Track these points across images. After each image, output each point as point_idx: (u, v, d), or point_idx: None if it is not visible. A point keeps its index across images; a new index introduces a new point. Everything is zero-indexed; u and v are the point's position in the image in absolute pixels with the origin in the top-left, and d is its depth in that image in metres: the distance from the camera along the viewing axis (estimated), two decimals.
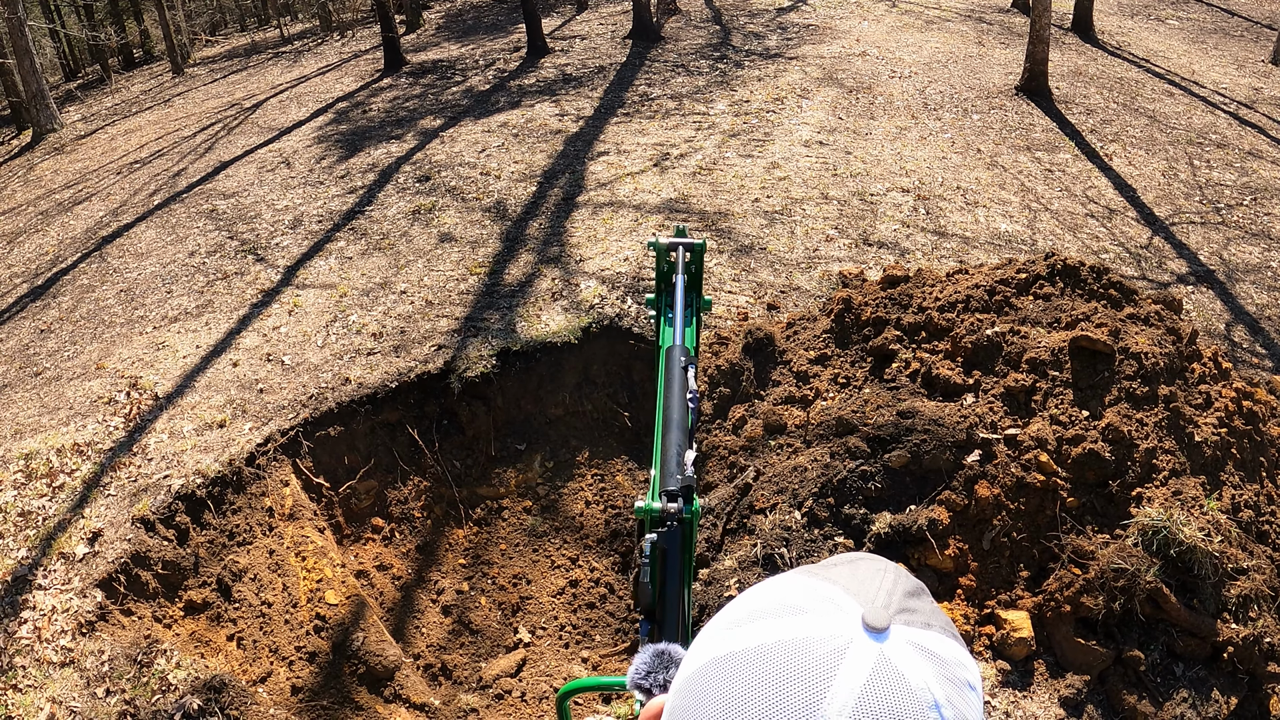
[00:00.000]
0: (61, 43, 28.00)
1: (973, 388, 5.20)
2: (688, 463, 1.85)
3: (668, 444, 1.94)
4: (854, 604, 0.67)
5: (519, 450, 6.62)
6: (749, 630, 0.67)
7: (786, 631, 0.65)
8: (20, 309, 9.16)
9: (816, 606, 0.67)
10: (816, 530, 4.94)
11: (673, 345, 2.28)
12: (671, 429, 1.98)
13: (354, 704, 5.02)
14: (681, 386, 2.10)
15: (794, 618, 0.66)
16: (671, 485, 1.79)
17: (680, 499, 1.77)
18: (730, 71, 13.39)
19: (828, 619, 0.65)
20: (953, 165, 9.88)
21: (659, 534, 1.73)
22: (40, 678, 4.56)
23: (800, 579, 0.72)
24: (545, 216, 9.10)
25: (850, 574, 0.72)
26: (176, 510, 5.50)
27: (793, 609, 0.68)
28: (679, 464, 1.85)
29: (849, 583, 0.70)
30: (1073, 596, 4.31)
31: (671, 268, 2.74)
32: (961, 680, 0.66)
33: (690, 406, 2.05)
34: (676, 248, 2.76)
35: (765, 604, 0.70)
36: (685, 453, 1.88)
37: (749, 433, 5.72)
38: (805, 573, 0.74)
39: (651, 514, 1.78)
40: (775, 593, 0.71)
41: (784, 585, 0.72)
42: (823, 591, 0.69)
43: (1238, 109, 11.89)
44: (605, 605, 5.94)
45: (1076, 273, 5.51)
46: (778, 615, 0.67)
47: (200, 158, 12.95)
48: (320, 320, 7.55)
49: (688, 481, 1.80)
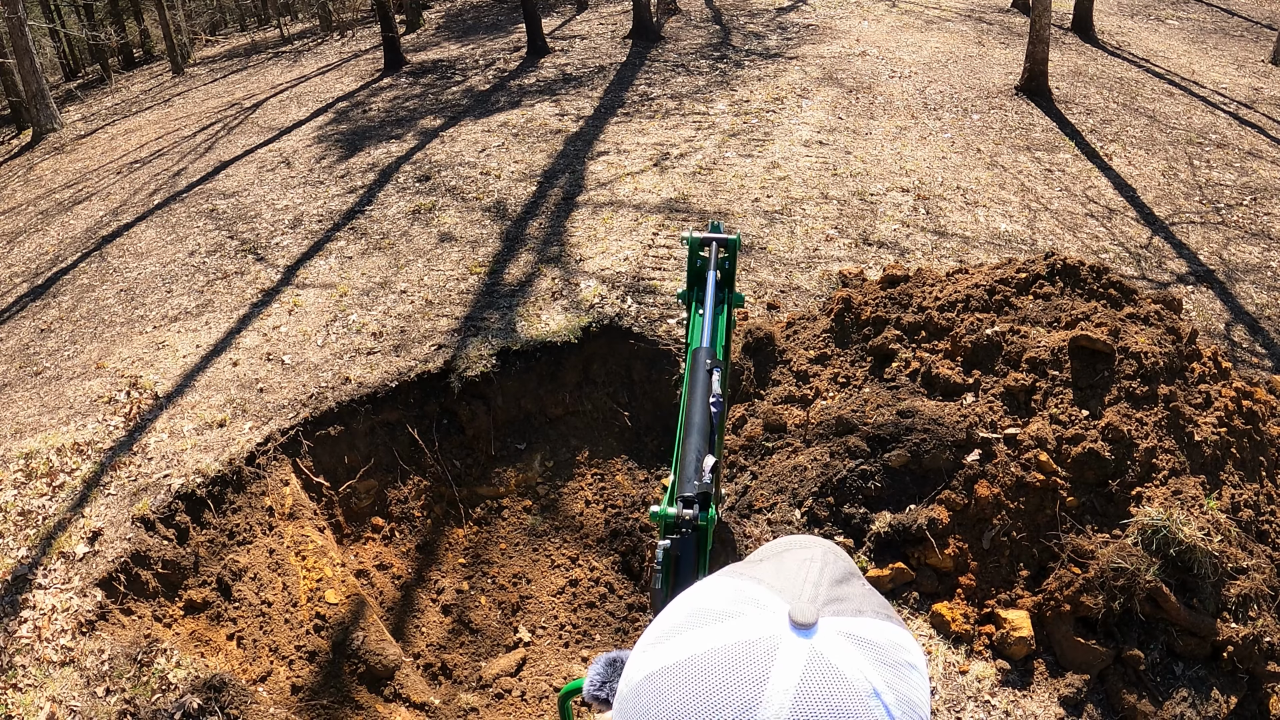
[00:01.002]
0: (61, 42, 28.00)
1: (972, 387, 5.20)
2: (706, 469, 1.81)
3: (687, 449, 1.91)
4: (779, 601, 0.66)
5: (519, 450, 6.62)
6: (676, 643, 0.66)
7: (713, 640, 0.64)
8: (20, 308, 9.16)
9: (741, 610, 0.66)
10: (816, 530, 4.94)
11: (699, 347, 2.23)
12: (692, 433, 1.94)
13: (354, 703, 5.03)
14: (705, 390, 2.06)
15: (719, 625, 0.65)
16: (688, 491, 1.76)
17: (696, 505, 1.73)
18: (730, 71, 13.39)
19: (753, 621, 0.64)
20: (953, 165, 9.88)
21: (672, 540, 1.71)
22: (40, 677, 4.57)
23: (724, 582, 0.71)
24: (545, 216, 9.10)
25: (775, 569, 0.71)
26: (176, 509, 5.50)
27: (717, 615, 0.66)
28: (697, 469, 1.81)
29: (774, 579, 0.69)
30: (1072, 596, 4.31)
31: (705, 264, 2.68)
32: (900, 662, 0.65)
33: (713, 411, 2.01)
34: (710, 243, 2.71)
35: (690, 614, 0.68)
36: (705, 458, 1.85)
37: (749, 432, 5.72)
38: (730, 573, 0.72)
39: (666, 519, 1.75)
40: (699, 600, 0.69)
41: (708, 591, 0.70)
42: (747, 592, 0.68)
43: (1237, 109, 11.89)
44: (605, 605, 5.95)
45: (1076, 272, 5.51)
46: (703, 624, 0.66)
47: (200, 157, 12.95)
48: (320, 320, 7.55)
49: (704, 488, 1.77)
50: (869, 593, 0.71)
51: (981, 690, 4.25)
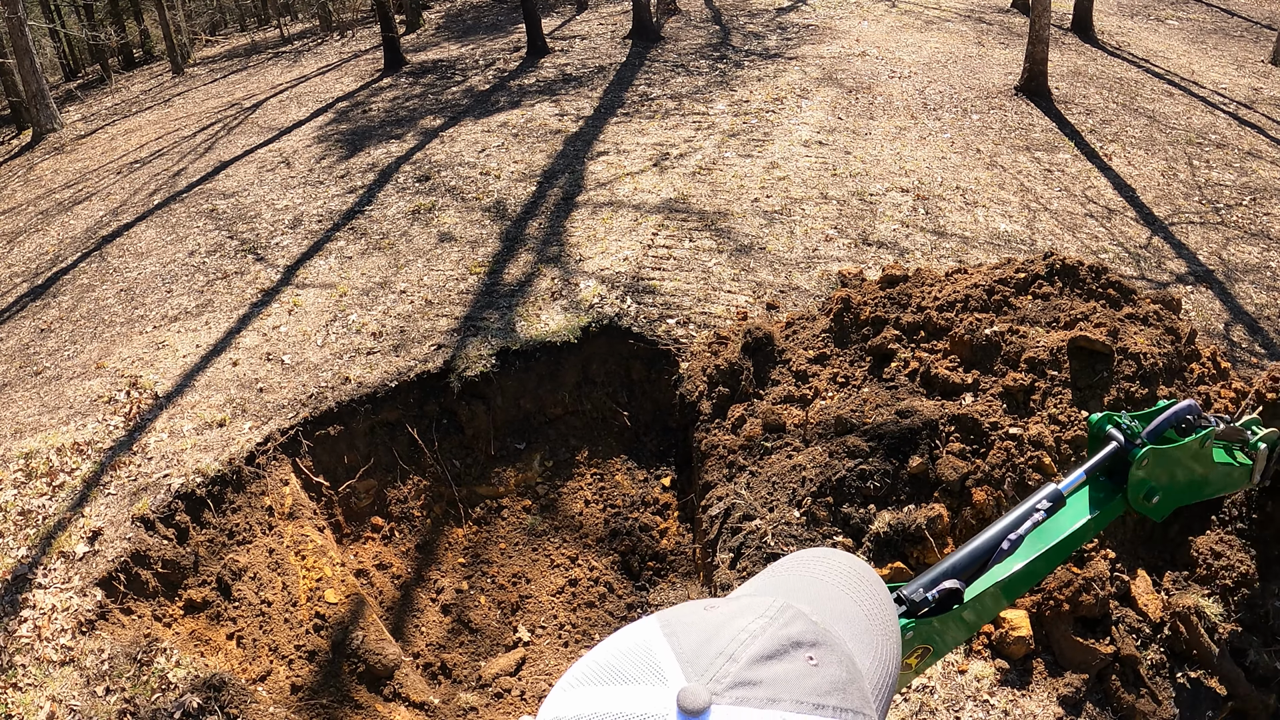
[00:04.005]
0: (61, 43, 28.01)
1: (971, 387, 5.20)
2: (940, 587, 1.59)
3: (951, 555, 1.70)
4: (679, 674, 0.59)
5: (518, 449, 6.62)
6: (580, 696, 0.61)
7: (606, 704, 0.59)
8: (20, 308, 9.17)
9: (639, 676, 0.60)
10: (816, 530, 4.95)
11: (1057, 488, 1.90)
12: (964, 549, 1.72)
13: (353, 702, 5.03)
14: (1016, 522, 1.79)
15: (617, 688, 0.60)
16: (908, 592, 1.56)
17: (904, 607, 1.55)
18: (730, 71, 13.40)
19: (644, 695, 0.58)
20: (952, 165, 9.89)
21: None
22: (40, 676, 4.57)
23: (641, 635, 0.65)
24: (545, 216, 9.11)
25: (712, 623, 0.64)
26: (176, 509, 5.51)
27: (619, 675, 0.61)
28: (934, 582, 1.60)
29: (696, 639, 0.62)
30: (1071, 595, 4.32)
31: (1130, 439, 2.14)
32: None
33: (1003, 547, 1.75)
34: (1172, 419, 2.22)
35: (601, 665, 0.63)
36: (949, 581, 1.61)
37: (748, 432, 5.72)
38: (656, 624, 0.66)
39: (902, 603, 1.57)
40: (617, 647, 0.64)
41: (625, 642, 0.65)
42: (656, 655, 0.62)
43: (1237, 109, 11.89)
44: (604, 604, 5.95)
45: (1075, 272, 5.51)
46: (605, 682, 0.61)
47: (200, 157, 12.96)
48: (320, 320, 7.56)
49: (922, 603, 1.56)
50: (808, 674, 0.61)
51: (980, 690, 4.26)
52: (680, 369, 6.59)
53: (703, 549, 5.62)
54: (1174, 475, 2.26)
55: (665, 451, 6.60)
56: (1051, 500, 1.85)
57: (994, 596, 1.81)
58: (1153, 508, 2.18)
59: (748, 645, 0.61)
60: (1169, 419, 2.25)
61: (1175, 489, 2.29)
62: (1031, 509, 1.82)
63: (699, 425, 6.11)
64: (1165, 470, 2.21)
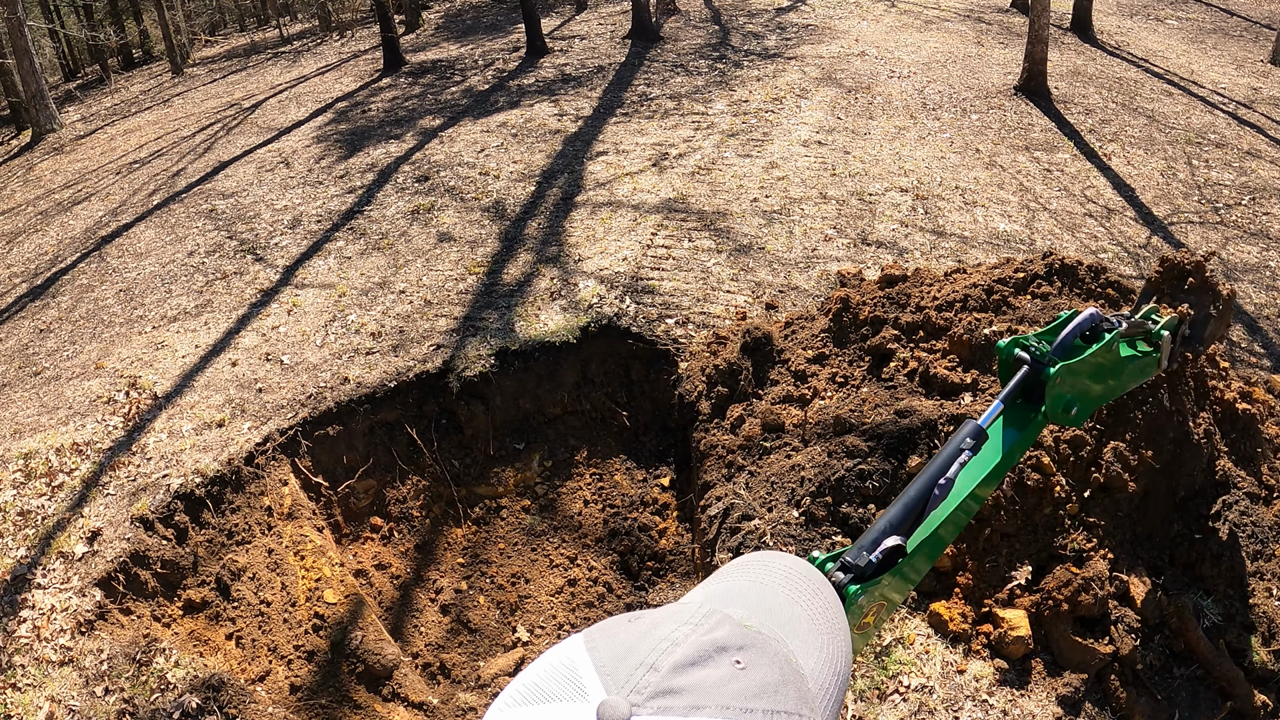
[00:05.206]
0: (61, 43, 28.01)
1: (970, 387, 5.20)
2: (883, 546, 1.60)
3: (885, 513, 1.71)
4: (599, 687, 0.58)
5: (517, 449, 6.62)
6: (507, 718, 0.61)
7: None
8: (20, 309, 9.16)
9: (560, 693, 0.60)
10: (814, 529, 4.94)
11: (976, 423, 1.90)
12: (897, 503, 1.72)
13: (352, 702, 5.03)
14: (944, 465, 1.78)
15: (540, 706, 0.59)
16: (852, 558, 1.57)
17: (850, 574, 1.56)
18: (729, 71, 13.40)
19: (565, 711, 0.58)
20: (951, 165, 9.89)
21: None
22: (39, 676, 4.57)
23: (565, 653, 0.64)
24: (544, 216, 9.11)
25: (635, 634, 0.63)
26: (175, 509, 5.51)
27: (542, 694, 0.60)
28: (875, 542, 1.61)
29: (617, 650, 0.62)
30: (1071, 595, 4.32)
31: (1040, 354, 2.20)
32: None
33: (935, 493, 1.75)
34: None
35: (526, 685, 0.62)
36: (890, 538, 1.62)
37: (747, 432, 5.72)
38: (581, 640, 0.65)
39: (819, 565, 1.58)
40: (540, 670, 0.64)
41: (550, 660, 0.64)
42: (577, 670, 0.61)
43: (1236, 109, 11.89)
44: (603, 604, 5.95)
45: (1074, 272, 5.51)
46: (530, 700, 0.61)
47: (199, 158, 12.96)
48: (319, 320, 7.56)
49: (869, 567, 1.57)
50: (734, 678, 0.60)
51: (979, 690, 4.26)
52: (679, 369, 6.59)
53: (702, 549, 5.61)
54: (1088, 384, 2.34)
55: (664, 451, 6.60)
56: (974, 437, 1.86)
57: (938, 538, 1.84)
58: (1073, 418, 2.27)
59: (669, 653, 0.60)
60: (1073, 331, 2.32)
61: (1091, 396, 2.38)
62: (957, 449, 1.82)
63: (698, 425, 6.11)
64: (1079, 381, 2.28)
